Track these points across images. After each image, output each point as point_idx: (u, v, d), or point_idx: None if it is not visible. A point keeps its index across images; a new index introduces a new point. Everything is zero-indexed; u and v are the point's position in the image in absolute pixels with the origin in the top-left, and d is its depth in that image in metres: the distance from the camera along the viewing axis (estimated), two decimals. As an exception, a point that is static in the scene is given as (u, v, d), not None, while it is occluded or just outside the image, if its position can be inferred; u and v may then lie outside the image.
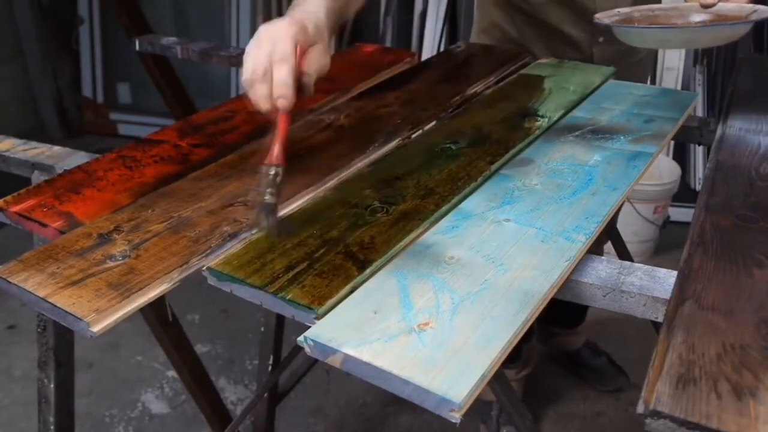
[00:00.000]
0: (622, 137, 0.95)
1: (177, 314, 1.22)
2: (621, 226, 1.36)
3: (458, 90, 1.13)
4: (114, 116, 3.39)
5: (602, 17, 1.02)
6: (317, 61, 0.78)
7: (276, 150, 0.75)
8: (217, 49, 1.54)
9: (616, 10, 1.05)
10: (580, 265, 0.69)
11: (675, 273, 0.65)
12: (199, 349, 1.98)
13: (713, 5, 0.92)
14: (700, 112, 2.52)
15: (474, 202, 0.79)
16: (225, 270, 0.67)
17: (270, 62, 0.74)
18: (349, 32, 2.98)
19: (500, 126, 0.99)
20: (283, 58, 0.73)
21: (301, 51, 0.77)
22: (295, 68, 0.74)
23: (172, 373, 1.88)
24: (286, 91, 0.74)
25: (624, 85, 1.16)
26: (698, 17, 0.99)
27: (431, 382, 0.51)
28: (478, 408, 1.71)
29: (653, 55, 1.49)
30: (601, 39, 1.29)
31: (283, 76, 0.73)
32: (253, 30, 3.02)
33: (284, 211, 0.78)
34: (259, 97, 0.75)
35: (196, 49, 1.54)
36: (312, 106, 1.09)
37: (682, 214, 2.47)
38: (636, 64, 1.37)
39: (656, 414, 0.47)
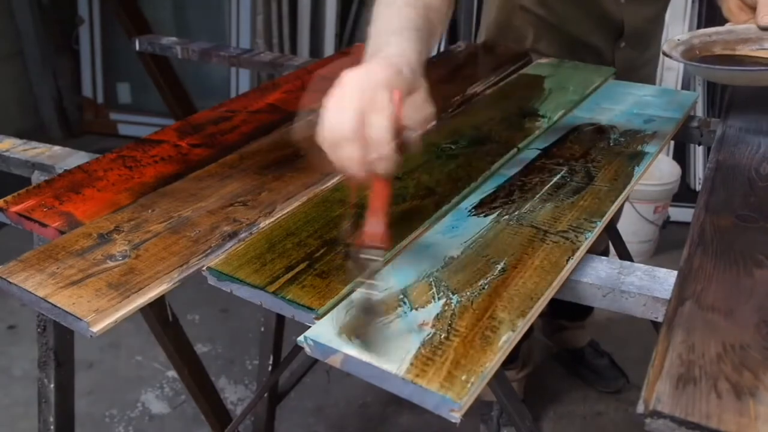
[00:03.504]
0: (621, 137, 0.95)
1: (177, 314, 1.22)
2: (621, 226, 1.36)
3: (458, 90, 1.13)
4: (114, 116, 3.39)
5: (669, 50, 1.00)
6: (420, 110, 0.61)
7: (375, 228, 0.59)
8: (217, 49, 1.54)
9: (677, 38, 1.03)
10: (580, 265, 0.69)
11: (675, 273, 0.65)
12: (199, 349, 1.98)
13: None
14: (700, 112, 2.52)
15: (474, 202, 0.79)
16: (225, 270, 0.67)
17: (360, 117, 0.57)
18: (349, 32, 2.98)
19: (500, 126, 0.99)
20: (379, 109, 0.57)
21: (399, 99, 0.60)
22: (394, 121, 0.58)
23: (172, 373, 1.88)
24: (386, 150, 0.57)
25: (623, 85, 1.16)
26: (753, 45, 0.99)
27: (431, 382, 0.51)
28: (478, 408, 1.71)
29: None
30: (623, 44, 1.28)
31: (380, 133, 0.57)
32: (253, 30, 3.03)
33: (284, 211, 0.78)
34: (349, 160, 0.58)
35: (196, 49, 1.54)
36: (312, 107, 1.09)
37: (682, 214, 2.47)
38: (651, 60, 1.38)
39: (656, 414, 0.47)
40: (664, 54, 1.00)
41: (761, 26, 0.91)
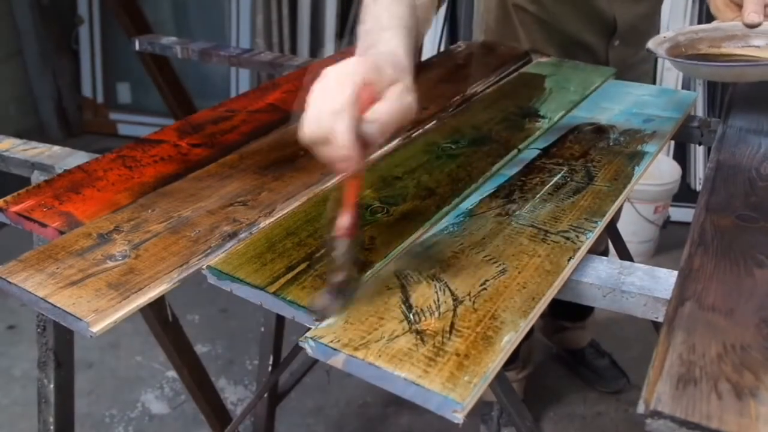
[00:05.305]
0: (621, 137, 0.95)
1: (177, 314, 1.21)
2: (621, 226, 1.36)
3: (459, 89, 1.13)
4: (114, 116, 3.39)
5: (654, 47, 0.99)
6: (394, 102, 0.60)
7: (343, 222, 0.61)
8: (217, 49, 1.54)
9: (662, 35, 1.03)
10: (580, 265, 0.69)
11: (675, 273, 0.65)
12: (199, 349, 1.98)
13: (758, 25, 0.90)
14: (700, 112, 2.52)
15: (474, 202, 0.79)
16: (225, 269, 0.67)
17: (327, 116, 0.57)
18: (349, 32, 2.98)
19: (501, 125, 0.99)
20: (339, 110, 0.56)
21: (371, 95, 0.59)
22: (354, 120, 0.57)
23: (172, 373, 1.88)
24: (346, 152, 0.57)
25: (623, 85, 1.16)
26: (739, 42, 0.99)
27: (433, 382, 0.51)
28: (478, 409, 1.71)
29: None
30: (616, 43, 1.29)
31: (339, 135, 0.56)
32: (253, 30, 3.03)
33: (284, 211, 0.78)
34: (326, 159, 0.58)
35: (196, 49, 1.54)
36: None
37: (682, 214, 2.47)
38: (647, 58, 1.38)
39: (656, 414, 0.47)
40: (648, 51, 0.99)
41: (747, 24, 0.91)
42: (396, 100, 0.60)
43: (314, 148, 0.58)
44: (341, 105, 0.56)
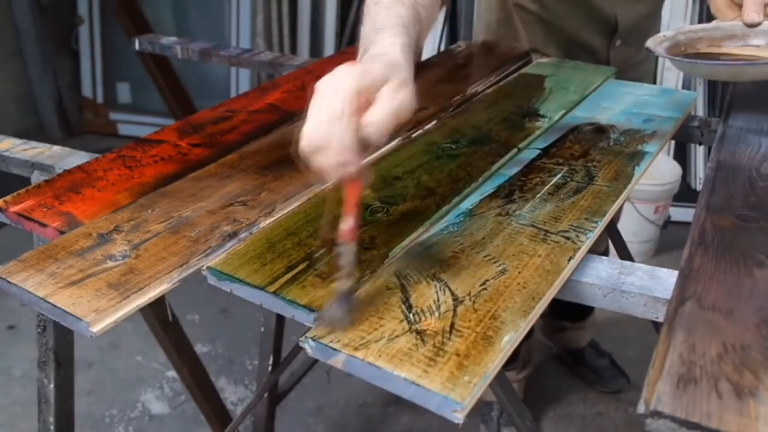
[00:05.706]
0: (621, 137, 0.95)
1: (177, 314, 1.22)
2: (621, 226, 1.36)
3: (459, 89, 1.13)
4: (114, 116, 3.40)
5: (653, 46, 0.99)
6: (389, 101, 0.59)
7: (345, 224, 0.60)
8: (217, 49, 1.54)
9: (662, 34, 1.02)
10: (580, 265, 0.69)
11: (675, 273, 0.65)
12: (199, 349, 1.98)
13: (758, 24, 0.90)
14: (700, 112, 2.52)
15: (474, 202, 0.79)
16: (225, 269, 0.67)
17: (327, 126, 0.57)
18: (349, 32, 2.98)
19: (501, 125, 0.99)
20: (335, 116, 0.57)
21: (366, 101, 0.59)
22: (353, 124, 0.57)
23: (172, 373, 1.88)
24: (345, 156, 0.56)
25: (623, 85, 1.16)
26: (738, 41, 0.99)
27: (433, 382, 0.51)
28: (478, 408, 1.71)
29: None
30: (618, 42, 1.29)
31: (339, 140, 0.56)
32: (253, 30, 3.03)
33: (284, 211, 0.78)
34: (321, 168, 0.58)
35: (196, 49, 1.54)
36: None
37: (682, 214, 2.47)
38: (648, 58, 1.38)
39: (657, 414, 0.47)
40: (647, 50, 0.99)
41: (747, 23, 0.92)
42: (389, 100, 0.59)
43: (312, 158, 0.58)
44: (339, 111, 0.56)
